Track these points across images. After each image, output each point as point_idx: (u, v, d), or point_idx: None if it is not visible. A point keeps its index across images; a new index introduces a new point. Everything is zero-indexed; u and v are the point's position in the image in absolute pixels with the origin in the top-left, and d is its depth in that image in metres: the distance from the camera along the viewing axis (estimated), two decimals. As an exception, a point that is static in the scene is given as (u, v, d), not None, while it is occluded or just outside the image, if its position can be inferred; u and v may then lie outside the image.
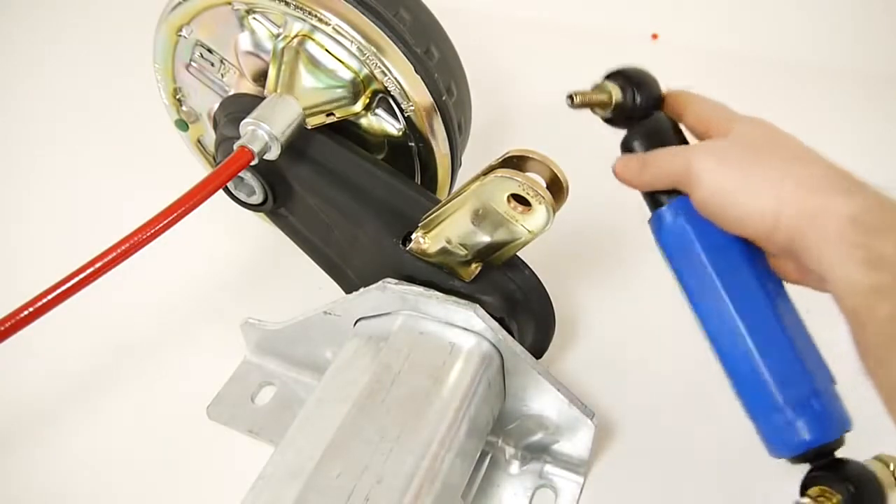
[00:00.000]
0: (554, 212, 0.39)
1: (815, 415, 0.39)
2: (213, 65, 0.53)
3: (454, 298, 0.44)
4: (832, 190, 0.35)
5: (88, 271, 0.39)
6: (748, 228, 0.38)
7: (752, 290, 0.40)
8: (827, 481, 0.38)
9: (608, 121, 0.44)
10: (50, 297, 0.38)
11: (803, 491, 0.39)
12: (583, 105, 0.43)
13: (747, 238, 0.39)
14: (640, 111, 0.43)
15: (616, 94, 0.43)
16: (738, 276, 0.40)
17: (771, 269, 0.41)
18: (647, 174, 0.41)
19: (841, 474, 0.38)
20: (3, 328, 0.37)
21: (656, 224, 0.42)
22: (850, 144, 0.76)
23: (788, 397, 0.39)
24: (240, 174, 0.48)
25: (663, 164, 0.41)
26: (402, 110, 0.49)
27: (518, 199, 0.40)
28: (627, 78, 0.44)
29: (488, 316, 0.44)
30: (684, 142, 0.44)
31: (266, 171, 0.50)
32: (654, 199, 0.43)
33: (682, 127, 0.44)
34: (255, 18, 0.50)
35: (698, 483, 0.50)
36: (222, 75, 0.53)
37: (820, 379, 0.40)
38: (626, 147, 0.44)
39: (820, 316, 0.39)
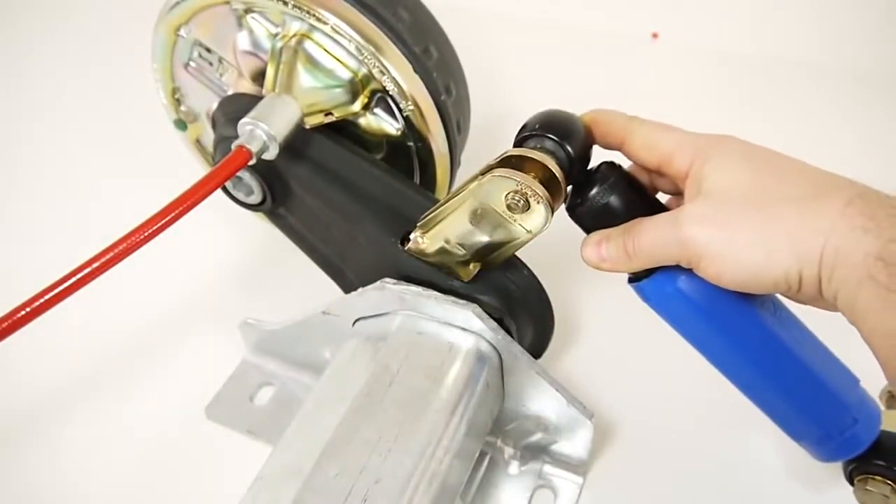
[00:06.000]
0: (552, 211, 0.39)
1: (855, 432, 0.40)
2: (211, 64, 0.53)
3: (453, 298, 0.44)
4: (849, 226, 0.32)
5: (86, 271, 0.39)
6: (771, 290, 0.35)
7: (767, 338, 0.38)
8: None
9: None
10: (47, 297, 0.38)
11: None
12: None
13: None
14: (579, 167, 0.39)
15: (553, 167, 0.38)
16: (748, 328, 0.38)
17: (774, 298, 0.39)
18: (637, 262, 0.38)
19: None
20: (0, 328, 0.37)
21: (644, 295, 0.40)
22: (852, 145, 0.77)
23: (831, 428, 0.40)
24: (238, 174, 0.47)
25: (655, 250, 0.37)
26: (400, 110, 0.49)
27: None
28: (547, 137, 0.39)
29: (487, 316, 0.44)
30: (640, 188, 0.41)
31: (264, 171, 0.50)
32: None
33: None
34: (253, 18, 0.50)
35: (698, 483, 0.50)
36: (221, 75, 0.53)
37: (851, 395, 0.40)
38: (588, 218, 0.40)
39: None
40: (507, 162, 0.39)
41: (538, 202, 0.38)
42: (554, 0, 0.92)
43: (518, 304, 0.46)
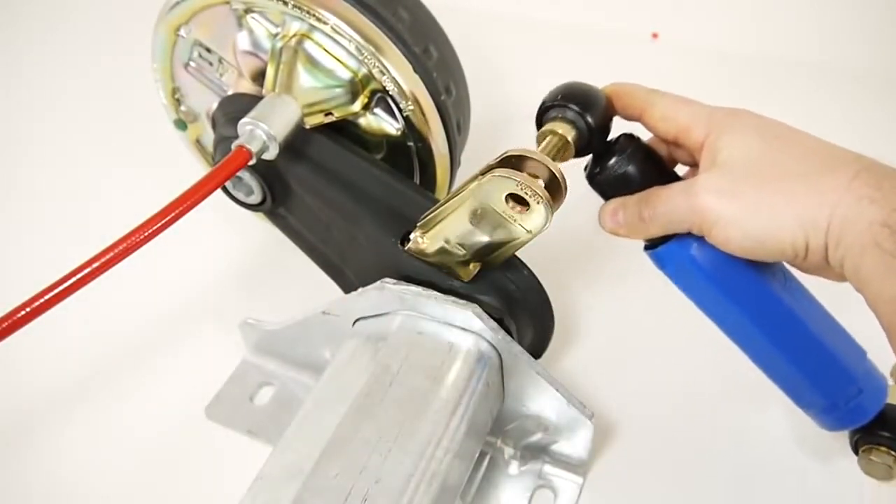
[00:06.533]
0: (552, 211, 0.39)
1: (860, 402, 0.41)
2: (211, 64, 0.53)
3: (453, 298, 0.44)
4: (855, 197, 0.33)
5: (86, 271, 0.39)
6: (778, 257, 0.36)
7: (776, 306, 0.39)
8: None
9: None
10: (47, 297, 0.38)
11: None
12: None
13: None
14: (599, 137, 0.41)
15: (570, 135, 0.40)
16: (758, 295, 0.39)
17: (784, 268, 0.40)
18: (651, 229, 0.39)
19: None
20: (0, 328, 0.37)
21: (659, 261, 0.41)
22: (851, 145, 0.76)
23: (837, 397, 0.41)
24: (238, 174, 0.47)
25: (669, 217, 0.38)
26: (400, 110, 0.49)
27: (516, 198, 0.40)
28: (568, 107, 0.40)
29: (487, 316, 0.44)
30: (658, 159, 0.42)
31: (264, 171, 0.50)
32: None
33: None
34: (253, 18, 0.50)
35: (698, 483, 0.50)
36: (221, 75, 0.53)
37: (858, 366, 0.41)
38: (607, 186, 0.41)
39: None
40: (507, 162, 0.39)
41: (538, 202, 0.38)
42: (554, 0, 0.92)
43: (518, 304, 0.46)
